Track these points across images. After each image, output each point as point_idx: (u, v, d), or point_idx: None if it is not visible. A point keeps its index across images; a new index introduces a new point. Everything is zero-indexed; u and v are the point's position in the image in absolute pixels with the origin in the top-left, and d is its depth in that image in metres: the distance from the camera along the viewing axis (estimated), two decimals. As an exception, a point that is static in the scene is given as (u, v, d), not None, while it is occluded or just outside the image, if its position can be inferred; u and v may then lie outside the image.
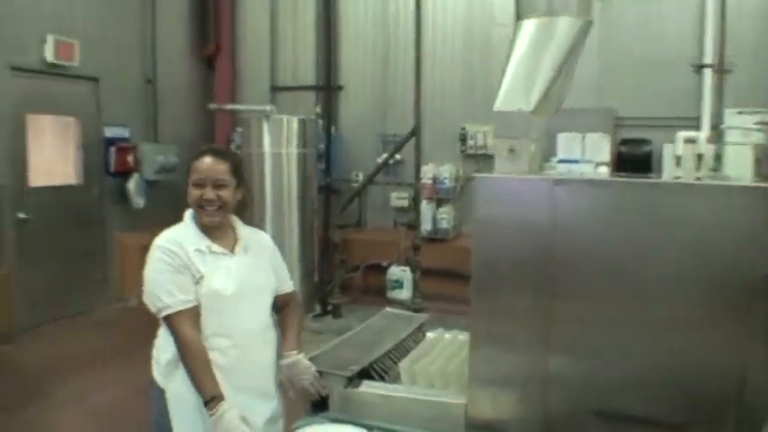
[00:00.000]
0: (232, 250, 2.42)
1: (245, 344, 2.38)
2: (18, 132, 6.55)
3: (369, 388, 2.52)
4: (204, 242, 2.37)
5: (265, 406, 2.42)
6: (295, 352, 2.49)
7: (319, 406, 2.53)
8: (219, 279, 2.34)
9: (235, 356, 2.35)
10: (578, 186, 2.20)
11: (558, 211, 2.15)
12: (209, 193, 2.35)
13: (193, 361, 2.25)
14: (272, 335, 2.52)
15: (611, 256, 2.15)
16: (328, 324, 7.09)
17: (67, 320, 6.92)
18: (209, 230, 2.39)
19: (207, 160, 2.38)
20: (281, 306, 2.59)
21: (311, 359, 2.65)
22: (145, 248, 2.38)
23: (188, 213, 2.45)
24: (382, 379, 2.68)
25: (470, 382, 2.35)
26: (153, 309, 2.30)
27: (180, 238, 2.35)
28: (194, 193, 2.36)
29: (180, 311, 2.27)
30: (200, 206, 2.37)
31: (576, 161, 6.87)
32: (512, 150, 2.25)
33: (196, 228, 2.40)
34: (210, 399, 2.20)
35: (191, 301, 2.29)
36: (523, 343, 2.25)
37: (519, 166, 2.26)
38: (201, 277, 2.31)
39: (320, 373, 2.51)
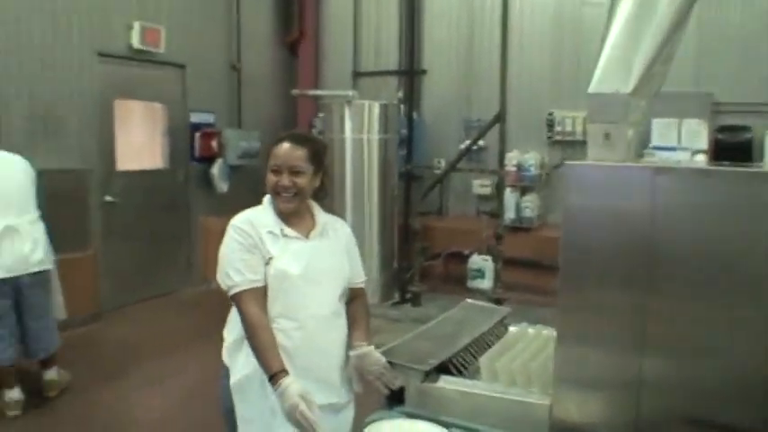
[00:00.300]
0: (307, 235, 2.40)
1: (310, 327, 2.34)
2: (106, 118, 6.71)
3: (447, 383, 2.40)
4: (278, 225, 2.36)
5: (325, 393, 2.34)
6: (365, 344, 2.42)
7: (395, 399, 2.43)
8: (287, 260, 2.33)
9: (299, 339, 2.31)
10: (681, 176, 2.00)
11: (658, 203, 1.96)
12: (285, 180, 2.33)
13: (259, 339, 2.24)
14: (340, 323, 2.45)
15: (715, 251, 1.95)
16: (407, 312, 7.01)
17: (152, 302, 7.10)
18: (286, 215, 2.38)
19: (285, 146, 2.36)
20: (350, 299, 2.54)
21: (388, 350, 2.56)
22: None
23: (267, 197, 2.44)
24: (461, 374, 2.56)
25: (556, 382, 2.19)
26: (223, 286, 2.32)
27: (255, 219, 2.35)
28: (271, 179, 2.36)
29: (247, 290, 2.27)
30: (276, 192, 2.36)
31: (671, 149, 6.53)
32: (607, 136, 2.07)
33: (273, 211, 2.39)
34: (274, 374, 2.16)
35: (259, 280, 2.29)
36: (615, 342, 2.08)
37: (615, 153, 2.08)
38: (271, 258, 2.31)
39: (392, 365, 2.40)
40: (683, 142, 6.71)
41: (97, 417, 4.48)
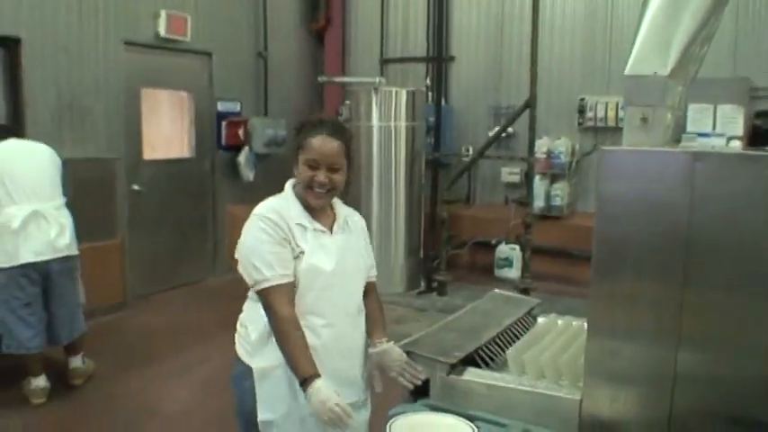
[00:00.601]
0: (330, 229, 2.31)
1: (338, 325, 2.26)
2: (132, 107, 6.70)
3: (473, 376, 2.33)
4: (306, 218, 2.26)
5: (349, 391, 2.26)
6: (385, 340, 2.36)
7: (419, 392, 2.36)
8: (320, 256, 2.23)
9: (327, 337, 2.23)
10: (722, 161, 1.90)
11: (697, 190, 1.86)
12: (322, 176, 2.21)
13: (290, 339, 2.13)
14: (362, 320, 2.38)
15: (756, 242, 1.85)
16: (433, 301, 6.95)
17: (178, 290, 7.11)
18: (310, 207, 2.28)
19: (322, 140, 2.21)
20: (364, 293, 2.43)
21: (413, 342, 2.50)
22: None
23: (289, 185, 2.34)
24: (487, 366, 2.49)
25: (586, 376, 2.11)
26: (248, 280, 2.21)
27: (282, 210, 2.23)
28: (307, 173, 2.22)
29: (278, 285, 2.15)
30: (309, 186, 2.23)
31: (706, 135, 6.36)
32: (644, 119, 1.97)
33: (298, 202, 2.28)
34: (307, 377, 2.06)
35: (289, 275, 2.17)
36: (649, 335, 1.99)
37: (652, 137, 1.98)
38: (302, 253, 2.20)
39: (417, 356, 2.34)
40: (718, 128, 6.52)
41: (121, 406, 4.48)
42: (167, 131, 7.44)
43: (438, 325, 2.77)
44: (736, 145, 5.82)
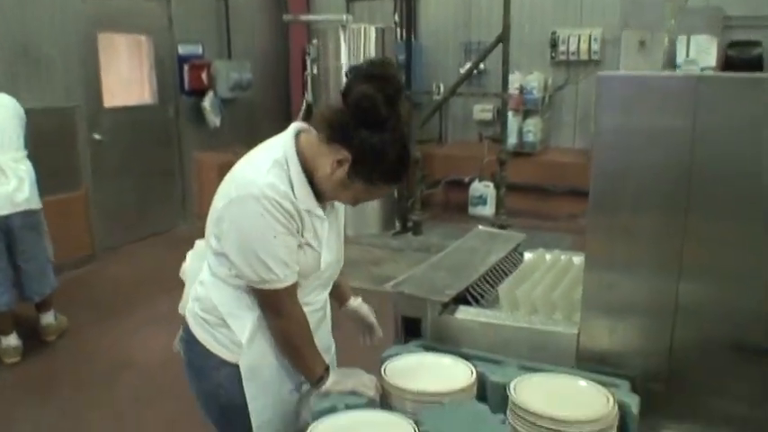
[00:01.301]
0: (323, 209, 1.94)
1: (323, 307, 2.11)
2: (90, 52, 6.43)
3: (466, 314, 2.26)
4: (312, 201, 1.85)
5: (326, 357, 2.11)
6: (352, 298, 2.32)
7: (410, 333, 2.30)
8: (328, 249, 1.95)
9: (315, 321, 2.03)
10: (727, 85, 1.80)
11: (701, 115, 1.77)
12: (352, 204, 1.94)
13: (305, 340, 1.92)
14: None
15: (761, 169, 1.78)
16: (408, 241, 6.92)
17: (147, 240, 6.98)
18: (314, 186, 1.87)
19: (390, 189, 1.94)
20: None
21: (401, 282, 2.41)
22: (222, 167, 1.99)
23: (290, 149, 1.84)
24: (478, 304, 2.42)
25: (584, 310, 2.05)
26: (252, 277, 1.81)
27: (289, 193, 1.79)
28: (348, 199, 1.91)
29: (291, 286, 1.85)
30: (349, 202, 1.93)
31: (678, 66, 6.30)
32: (642, 43, 1.89)
33: (305, 179, 1.83)
34: (322, 376, 1.92)
35: (296, 272, 1.86)
36: (650, 266, 1.93)
37: (651, 61, 1.90)
38: (307, 244, 1.87)
39: (407, 296, 2.27)
40: (685, 65, 6.46)
41: (96, 359, 4.40)
42: (127, 77, 7.19)
43: (425, 264, 2.69)
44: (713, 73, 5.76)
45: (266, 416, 2.00)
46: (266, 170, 1.79)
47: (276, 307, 1.87)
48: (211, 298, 1.95)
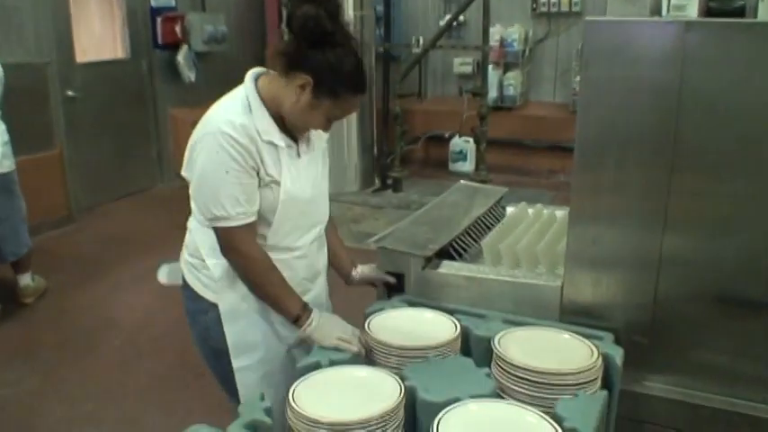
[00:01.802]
0: (297, 143, 1.96)
1: (309, 254, 2.07)
2: (60, 6, 6.22)
3: (449, 269, 2.25)
4: (276, 132, 1.86)
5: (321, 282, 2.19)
6: (359, 265, 2.31)
7: (393, 288, 2.29)
8: (298, 182, 1.93)
9: (302, 268, 2.04)
10: (717, 31, 1.76)
11: (688, 64, 1.74)
12: (329, 128, 1.96)
13: (268, 280, 1.92)
14: (324, 240, 2.19)
15: (750, 120, 1.76)
16: (388, 198, 6.88)
17: (125, 199, 6.88)
18: (279, 118, 1.89)
19: (358, 103, 1.94)
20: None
21: (383, 237, 2.39)
22: (198, 124, 1.98)
23: (251, 89, 1.89)
24: (461, 258, 2.41)
25: (568, 263, 2.04)
26: (204, 212, 1.86)
27: (249, 126, 1.81)
28: (321, 123, 1.90)
29: (245, 225, 1.84)
30: (309, 127, 1.94)
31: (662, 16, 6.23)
32: (628, -14, 1.83)
33: (265, 109, 1.86)
34: (299, 314, 1.92)
35: (255, 213, 1.87)
36: (634, 219, 1.92)
37: (638, 7, 1.85)
38: (274, 182, 1.87)
39: (390, 251, 2.25)
40: (672, 11, 6.40)
41: (78, 321, 4.36)
42: (99, 32, 6.98)
43: (408, 219, 2.66)
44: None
45: (246, 361, 2.01)
46: (224, 109, 1.86)
47: (231, 246, 1.88)
48: (195, 240, 2.00)
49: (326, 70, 1.78)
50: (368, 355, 1.89)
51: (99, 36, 6.97)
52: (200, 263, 2.00)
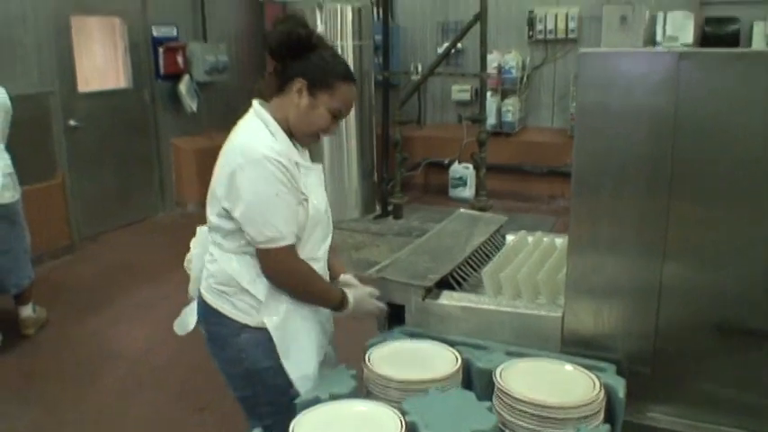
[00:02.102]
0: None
1: (324, 261, 2.16)
2: (63, 36, 6.27)
3: (450, 299, 2.25)
4: (296, 152, 2.02)
5: (329, 321, 2.24)
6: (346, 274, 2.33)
7: (394, 319, 2.28)
8: (318, 196, 2.07)
9: (322, 275, 2.16)
10: (709, 61, 1.78)
11: (683, 93, 1.76)
12: (335, 126, 2.06)
13: (313, 283, 2.07)
14: None
15: (746, 147, 1.77)
16: (389, 225, 6.89)
17: (127, 229, 6.88)
18: (295, 138, 2.05)
19: (354, 91, 2.04)
20: None
21: (383, 268, 2.40)
22: (200, 153, 2.08)
23: (261, 111, 2.02)
24: (461, 288, 2.41)
25: (568, 293, 2.05)
26: (259, 238, 1.93)
27: (281, 149, 1.94)
28: (328, 120, 2.01)
29: (292, 245, 1.97)
30: (318, 132, 2.04)
31: (656, 42, 6.30)
32: (624, 18, 1.86)
33: (284, 133, 2.00)
34: (342, 300, 2.11)
35: (295, 233, 1.99)
36: (634, 248, 1.92)
37: (632, 37, 1.88)
38: (305, 199, 2.00)
39: (385, 283, 2.26)
40: (666, 42, 6.47)
41: (79, 351, 4.34)
42: (101, 62, 7.04)
43: (407, 249, 2.67)
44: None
45: (302, 371, 2.08)
46: (255, 137, 1.96)
47: (281, 264, 1.98)
48: (226, 270, 2.05)
49: (314, 68, 1.96)
50: (367, 388, 1.89)
51: (102, 66, 7.03)
52: (234, 290, 2.05)
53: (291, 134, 2.02)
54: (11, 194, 4.18)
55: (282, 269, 2.00)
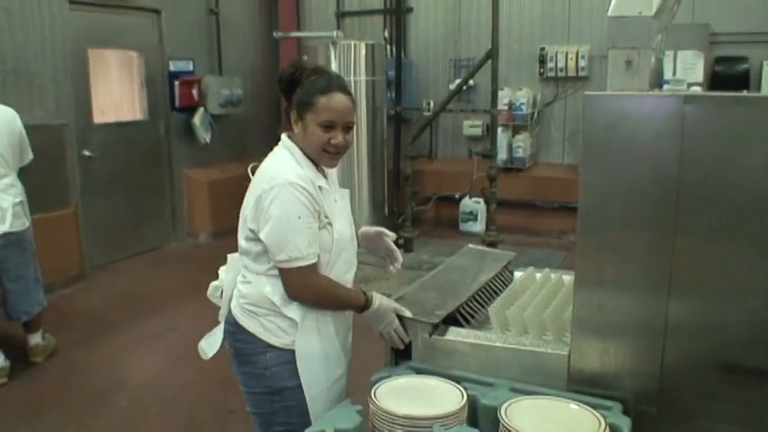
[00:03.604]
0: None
1: (350, 286, 2.32)
2: (80, 68, 6.41)
3: (456, 336, 2.25)
4: (322, 179, 2.18)
5: (348, 334, 2.41)
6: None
7: (401, 355, 2.29)
8: (342, 221, 2.23)
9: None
10: (713, 104, 1.81)
11: (687, 134, 1.78)
12: (341, 138, 2.13)
13: (338, 294, 2.21)
14: None
15: (748, 186, 1.79)
16: (400, 259, 6.88)
17: (138, 258, 6.93)
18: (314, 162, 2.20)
19: (337, 98, 2.12)
20: None
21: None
22: (213, 184, 2.18)
23: (288, 142, 2.20)
24: (468, 324, 2.42)
25: (575, 330, 2.05)
26: (279, 256, 2.08)
27: (307, 175, 2.11)
28: (321, 135, 2.12)
29: (314, 264, 2.11)
30: (324, 150, 2.14)
31: (665, 82, 6.33)
32: (629, 63, 1.88)
33: (309, 161, 2.17)
34: (365, 302, 2.21)
35: (317, 254, 2.13)
36: (639, 286, 1.93)
37: (637, 81, 1.90)
38: (329, 223, 2.16)
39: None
40: (678, 75, 6.51)
41: (86, 381, 4.34)
42: (118, 94, 7.17)
43: (416, 284, 2.69)
44: (699, 91, 5.81)
45: (317, 390, 2.22)
46: (283, 164, 2.13)
47: (303, 283, 2.12)
48: (261, 291, 2.18)
49: (298, 97, 2.15)
50: (373, 423, 1.89)
51: (118, 98, 7.15)
52: (265, 311, 2.18)
53: (316, 163, 2.18)
54: (21, 222, 4.22)
55: (303, 284, 2.12)
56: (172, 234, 7.49)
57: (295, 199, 2.05)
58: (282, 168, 2.11)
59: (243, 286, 2.24)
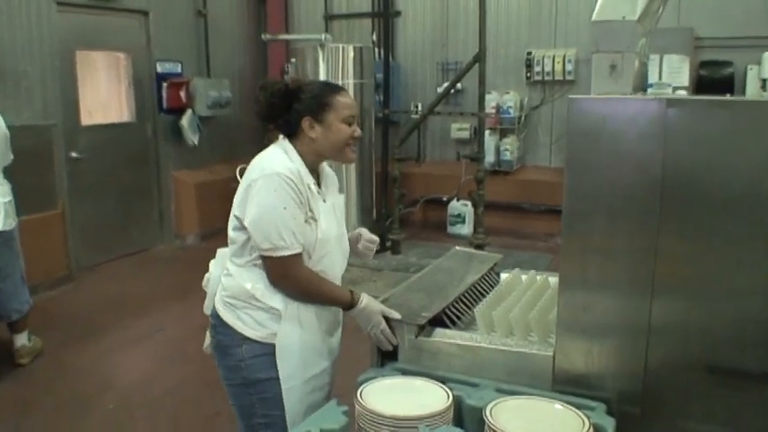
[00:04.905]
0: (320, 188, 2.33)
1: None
2: (68, 70, 6.40)
3: (442, 337, 2.27)
4: (311, 179, 2.25)
5: (336, 332, 2.45)
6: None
7: (387, 356, 2.30)
8: (328, 221, 2.28)
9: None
10: (696, 108, 1.84)
11: (671, 138, 1.81)
12: (359, 130, 2.29)
13: (321, 287, 2.25)
14: None
15: (731, 188, 1.81)
16: (387, 261, 6.91)
17: (125, 260, 6.91)
18: (310, 167, 2.27)
19: (348, 95, 2.28)
20: None
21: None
22: (200, 186, 2.20)
23: (285, 143, 2.27)
24: (454, 325, 2.44)
25: (559, 331, 2.07)
26: (265, 244, 2.13)
27: (295, 170, 2.17)
28: (345, 130, 2.24)
29: (298, 254, 2.16)
30: (347, 144, 2.27)
31: (649, 86, 6.38)
32: (613, 67, 1.91)
33: (302, 160, 2.24)
34: (351, 300, 2.25)
35: (303, 245, 2.18)
36: (623, 287, 1.95)
37: (621, 85, 1.92)
38: (314, 219, 2.21)
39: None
40: (664, 79, 6.58)
41: (73, 383, 4.32)
42: (105, 95, 7.14)
43: (402, 286, 2.70)
44: (683, 95, 5.87)
45: (293, 382, 2.25)
46: (273, 158, 2.20)
47: (286, 273, 2.17)
48: (241, 284, 2.23)
49: (309, 103, 2.22)
50: (359, 424, 1.90)
51: (105, 99, 7.13)
52: (242, 304, 2.23)
53: (311, 168, 2.26)
54: (9, 221, 4.23)
55: (285, 274, 2.17)
56: (159, 236, 7.47)
57: (282, 189, 2.11)
58: (271, 161, 2.18)
59: (225, 279, 2.30)
